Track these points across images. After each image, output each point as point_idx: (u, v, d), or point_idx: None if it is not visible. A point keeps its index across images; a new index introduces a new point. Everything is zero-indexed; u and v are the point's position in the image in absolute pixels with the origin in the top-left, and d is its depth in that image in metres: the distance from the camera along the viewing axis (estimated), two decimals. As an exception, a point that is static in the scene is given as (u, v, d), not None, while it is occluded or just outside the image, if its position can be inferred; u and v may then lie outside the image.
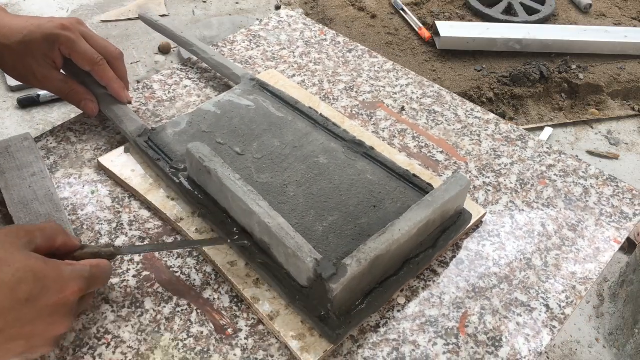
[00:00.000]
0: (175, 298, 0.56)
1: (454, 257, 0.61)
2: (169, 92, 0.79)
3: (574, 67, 1.60)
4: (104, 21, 1.66)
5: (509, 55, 1.66)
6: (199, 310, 0.55)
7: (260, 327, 0.54)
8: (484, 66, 1.60)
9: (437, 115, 0.77)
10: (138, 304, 0.56)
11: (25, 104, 1.74)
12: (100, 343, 0.53)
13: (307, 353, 0.51)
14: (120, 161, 0.67)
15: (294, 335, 0.52)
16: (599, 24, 1.88)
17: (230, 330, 0.54)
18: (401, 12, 1.78)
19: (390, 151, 0.69)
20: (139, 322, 0.54)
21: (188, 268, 0.59)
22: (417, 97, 0.80)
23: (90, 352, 0.52)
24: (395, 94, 0.81)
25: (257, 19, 1.62)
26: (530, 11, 1.89)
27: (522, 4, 1.88)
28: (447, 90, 0.81)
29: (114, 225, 0.62)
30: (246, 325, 0.54)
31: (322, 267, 0.49)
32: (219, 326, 0.54)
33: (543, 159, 0.72)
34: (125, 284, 0.57)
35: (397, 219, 0.54)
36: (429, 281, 0.59)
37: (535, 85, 1.54)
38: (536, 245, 0.63)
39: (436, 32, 1.64)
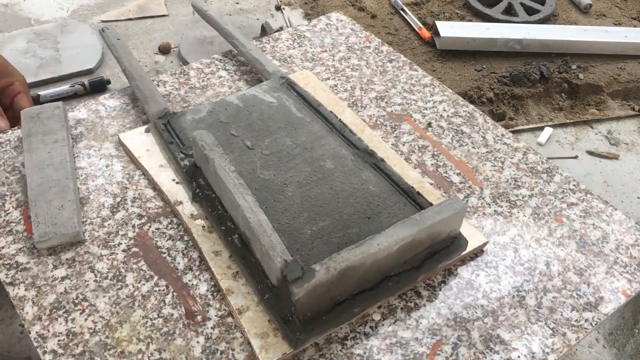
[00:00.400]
0: (156, 278, 0.58)
1: (443, 282, 0.59)
2: (203, 80, 0.81)
3: (574, 67, 1.55)
4: (103, 21, 1.70)
5: (509, 55, 1.64)
6: (175, 293, 0.56)
7: (229, 319, 0.55)
8: (484, 66, 1.56)
9: (464, 136, 0.75)
10: (120, 278, 0.57)
11: None
12: (76, 308, 0.55)
13: (265, 352, 0.51)
14: (138, 140, 0.70)
15: (257, 333, 0.52)
16: (599, 24, 1.85)
17: (199, 318, 0.55)
18: (401, 12, 1.76)
19: (403, 166, 0.68)
20: (116, 295, 0.56)
21: (175, 251, 0.60)
22: (448, 116, 0.78)
23: (65, 315, 0.54)
24: (426, 109, 0.79)
25: (257, 18, 1.63)
26: (530, 11, 1.88)
27: (522, 4, 1.87)
28: (480, 112, 0.79)
29: (118, 199, 0.65)
30: (216, 315, 0.55)
31: (289, 269, 0.49)
32: (190, 312, 0.55)
33: (566, 196, 0.68)
34: (113, 256, 0.59)
35: (378, 234, 0.53)
36: (410, 302, 0.57)
37: (535, 85, 1.50)
38: (534, 284, 0.59)
39: (436, 32, 1.62)
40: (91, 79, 1.41)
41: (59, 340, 0.52)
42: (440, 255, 0.57)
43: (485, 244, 0.62)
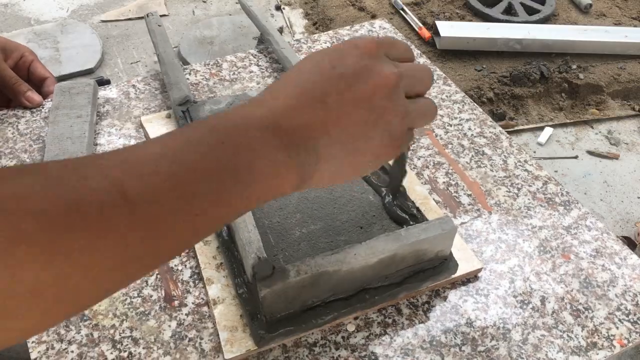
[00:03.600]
0: (144, 258, 0.59)
1: (427, 303, 0.57)
2: (234, 73, 0.82)
3: (574, 67, 1.48)
4: (103, 21, 1.71)
5: (509, 55, 1.59)
6: (159, 276, 0.58)
7: (205, 308, 0.55)
8: (484, 66, 1.51)
9: (484, 157, 0.73)
10: (111, 254, 0.59)
11: None
12: (63, 277, 0.57)
13: (230, 346, 0.51)
14: (158, 124, 0.72)
15: (227, 326, 0.53)
16: (599, 24, 1.82)
17: (176, 303, 0.56)
18: (401, 12, 1.72)
19: (411, 180, 0.66)
20: (103, 270, 0.58)
21: (169, 235, 0.61)
22: (472, 135, 0.75)
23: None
24: (451, 126, 0.77)
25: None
26: (530, 11, 1.83)
27: (522, 4, 1.82)
28: (507, 136, 0.76)
29: (127, 178, 0.67)
30: (193, 303, 0.56)
31: (259, 267, 0.49)
32: (169, 295, 0.56)
33: (580, 232, 0.65)
34: (109, 232, 0.61)
35: (358, 243, 0.52)
36: (389, 318, 0.56)
37: (535, 85, 1.44)
38: (524, 319, 0.57)
39: (436, 32, 1.58)
40: (91, 78, 1.46)
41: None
42: (426, 275, 0.56)
43: (479, 270, 0.59)
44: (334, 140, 0.38)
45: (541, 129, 1.40)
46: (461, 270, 0.58)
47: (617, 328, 0.56)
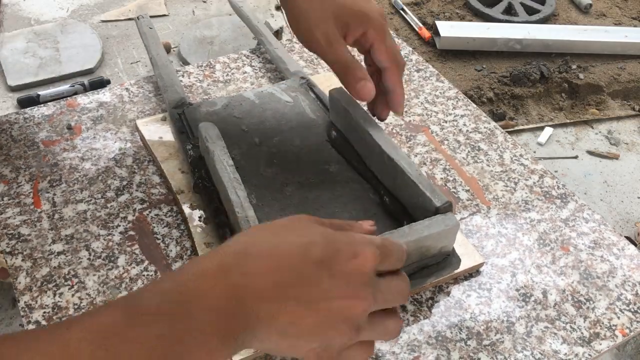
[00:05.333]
0: (146, 262, 0.59)
1: (431, 299, 0.58)
2: (227, 74, 0.82)
3: (574, 67, 1.51)
4: (104, 21, 1.71)
5: (509, 55, 1.62)
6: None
7: (210, 311, 0.55)
8: (484, 66, 1.53)
9: (480, 153, 0.73)
10: (112, 259, 0.59)
11: (25, 104, 1.66)
12: (65, 283, 0.56)
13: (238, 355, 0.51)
14: (154, 127, 0.71)
15: (233, 328, 0.52)
16: (599, 24, 1.84)
17: (181, 306, 0.55)
18: (401, 12, 1.74)
19: (410, 177, 0.67)
20: (106, 275, 0.57)
21: (170, 238, 0.61)
22: (467, 131, 0.76)
23: (54, 289, 0.56)
24: (446, 122, 0.77)
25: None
26: (530, 11, 1.86)
27: (522, 4, 1.85)
28: (502, 131, 0.77)
29: (125, 183, 0.66)
30: (197, 306, 0.55)
31: (266, 268, 0.49)
32: (173, 299, 0.56)
33: (578, 225, 0.66)
34: (110, 237, 0.61)
35: (363, 241, 0.52)
36: (394, 315, 0.56)
37: (535, 85, 1.47)
38: (527, 312, 0.57)
39: (436, 32, 1.60)
40: (91, 78, 1.44)
41: (44, 312, 0.54)
42: (430, 271, 0.56)
43: (481, 264, 0.60)
44: (277, 330, 0.38)
45: (541, 129, 1.42)
46: (464, 266, 0.58)
47: (619, 318, 0.57)
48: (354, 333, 0.40)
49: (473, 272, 0.60)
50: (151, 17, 1.74)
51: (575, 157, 1.33)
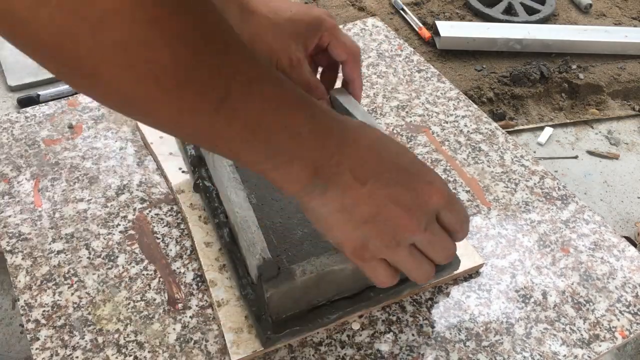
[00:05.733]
0: (146, 262, 0.59)
1: (430, 299, 0.57)
2: (228, 74, 0.82)
3: (574, 67, 1.51)
4: None
5: (509, 55, 1.61)
6: (161, 279, 0.57)
7: (209, 311, 0.55)
8: (484, 66, 1.52)
9: (481, 154, 0.73)
10: (112, 258, 0.59)
11: (25, 104, 1.63)
12: (65, 282, 0.57)
13: (236, 347, 0.51)
14: (154, 126, 0.71)
15: (232, 327, 0.53)
16: (599, 24, 1.84)
17: (180, 305, 0.55)
18: (401, 12, 1.73)
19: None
20: (105, 274, 0.57)
21: (170, 238, 0.61)
22: (468, 132, 0.76)
23: (53, 288, 0.56)
24: (447, 122, 0.77)
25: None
26: (530, 11, 1.86)
27: (522, 4, 1.84)
28: (502, 132, 0.76)
29: (125, 182, 0.66)
30: (196, 305, 0.55)
31: (265, 267, 0.49)
32: (172, 299, 0.56)
33: (578, 226, 0.65)
34: (110, 237, 0.61)
35: (362, 242, 0.52)
36: (393, 316, 0.56)
37: (535, 85, 1.46)
38: (526, 313, 0.57)
39: (436, 32, 1.60)
40: None
41: (43, 311, 0.54)
42: (429, 271, 0.56)
43: (481, 265, 0.60)
44: (340, 201, 0.42)
45: (541, 129, 1.42)
46: (463, 267, 0.58)
47: (619, 320, 0.57)
48: (392, 245, 0.43)
49: (473, 273, 0.60)
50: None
51: (575, 157, 1.32)
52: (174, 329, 0.54)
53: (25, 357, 0.78)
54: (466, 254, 0.59)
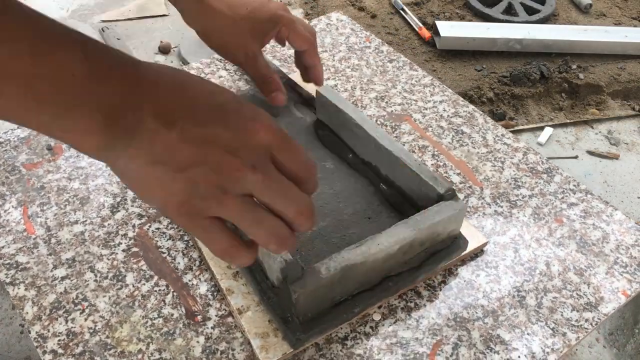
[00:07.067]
0: (156, 277, 0.58)
1: (443, 282, 0.59)
2: (203, 80, 0.81)
3: (574, 67, 1.57)
4: (104, 21, 1.68)
5: (509, 55, 1.66)
6: (175, 293, 0.56)
7: (229, 319, 0.55)
8: (484, 66, 1.57)
9: (464, 136, 0.75)
10: (120, 278, 0.57)
11: None
12: (76, 308, 0.55)
13: (265, 352, 0.51)
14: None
15: (257, 333, 0.52)
16: (599, 24, 1.88)
17: (199, 317, 0.55)
18: (401, 12, 1.77)
19: (403, 166, 0.68)
20: (116, 295, 0.56)
21: (175, 251, 0.60)
22: (448, 116, 0.78)
23: (65, 315, 0.54)
24: (426, 109, 0.79)
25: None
26: (530, 11, 1.90)
27: (522, 4, 1.89)
28: (481, 113, 0.79)
29: (118, 199, 0.65)
30: (216, 315, 0.55)
31: (289, 269, 0.49)
32: (190, 311, 0.55)
33: (566, 196, 0.68)
34: (113, 256, 0.59)
35: (379, 233, 0.52)
36: (410, 302, 0.57)
37: (535, 85, 1.52)
38: (534, 284, 0.59)
39: (436, 32, 1.63)
40: None
41: (59, 340, 0.52)
42: (441, 255, 0.57)
43: (485, 244, 0.62)
44: (150, 153, 0.36)
45: (541, 129, 1.44)
46: (470, 247, 0.60)
47: (619, 281, 0.60)
48: (219, 193, 0.37)
49: (478, 252, 0.62)
50: (151, 17, 1.69)
51: (575, 157, 1.36)
52: (197, 342, 0.53)
53: (25, 357, 0.75)
54: (469, 234, 0.61)
